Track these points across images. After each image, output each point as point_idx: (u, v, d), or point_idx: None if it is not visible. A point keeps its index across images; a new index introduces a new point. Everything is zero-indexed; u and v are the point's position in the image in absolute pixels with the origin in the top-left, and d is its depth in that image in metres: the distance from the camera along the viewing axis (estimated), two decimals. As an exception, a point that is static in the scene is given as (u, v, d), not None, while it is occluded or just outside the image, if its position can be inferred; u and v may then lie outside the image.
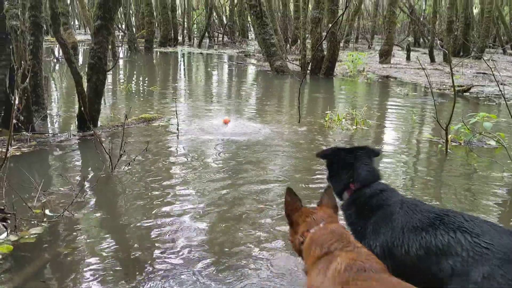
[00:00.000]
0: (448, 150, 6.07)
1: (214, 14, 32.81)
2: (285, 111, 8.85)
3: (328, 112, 7.84)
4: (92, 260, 3.21)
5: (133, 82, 13.15)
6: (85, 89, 6.59)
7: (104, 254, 3.29)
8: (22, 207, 3.81)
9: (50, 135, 6.44)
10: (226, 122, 7.27)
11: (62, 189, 4.48)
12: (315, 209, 2.36)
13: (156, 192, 4.46)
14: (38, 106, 7.04)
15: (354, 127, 7.32)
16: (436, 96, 10.57)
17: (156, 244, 3.44)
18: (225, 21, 33.84)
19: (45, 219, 3.70)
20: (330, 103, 9.88)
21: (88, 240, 3.49)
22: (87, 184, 4.63)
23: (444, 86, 12.57)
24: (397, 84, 13.40)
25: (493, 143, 6.36)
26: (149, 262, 3.20)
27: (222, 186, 4.67)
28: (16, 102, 5.31)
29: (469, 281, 1.90)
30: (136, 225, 3.74)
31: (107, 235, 3.58)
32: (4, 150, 3.80)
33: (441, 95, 11.14)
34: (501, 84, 9.51)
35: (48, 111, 7.50)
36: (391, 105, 10.07)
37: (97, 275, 3.03)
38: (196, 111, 8.63)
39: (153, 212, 4.00)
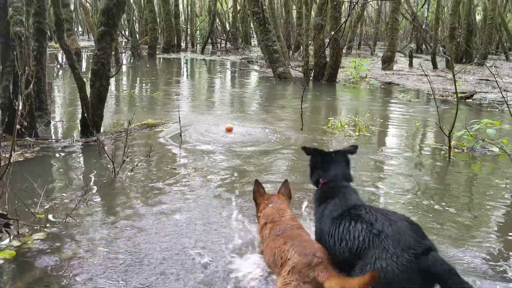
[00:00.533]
0: (451, 156, 6.06)
1: (217, 20, 32.97)
2: (288, 117, 8.85)
3: (330, 118, 7.84)
4: (95, 265, 3.21)
5: (136, 88, 13.19)
6: (88, 95, 6.61)
7: (107, 259, 3.29)
8: (25, 213, 3.82)
9: (53, 140, 6.46)
10: (229, 130, 7.28)
11: (64, 194, 4.49)
12: (273, 195, 3.50)
13: (159, 198, 4.46)
14: (42, 112, 7.06)
15: (357, 133, 7.32)
16: (439, 103, 10.56)
17: (160, 251, 3.43)
18: (228, 28, 33.95)
19: (48, 225, 3.71)
20: (333, 109, 9.89)
21: (91, 246, 3.48)
22: (90, 190, 4.63)
23: (446, 92, 12.57)
24: (399, 90, 13.41)
25: (496, 149, 6.35)
26: (152, 269, 3.19)
27: (225, 191, 4.67)
28: (20, 107, 5.33)
29: (365, 261, 2.33)
30: (139, 231, 3.74)
31: (110, 241, 3.57)
32: (7, 155, 3.80)
33: (444, 102, 11.14)
34: (504, 90, 9.50)
35: (51, 117, 7.52)
36: (394, 111, 10.06)
37: (100, 281, 3.03)
38: (199, 117, 8.64)
39: (156, 218, 4.00)
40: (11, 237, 3.45)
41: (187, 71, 19.54)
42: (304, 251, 2.62)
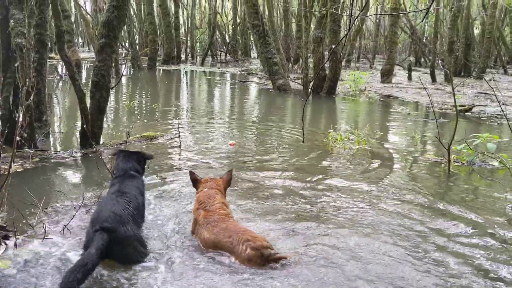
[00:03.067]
0: (451, 170, 6.05)
1: (217, 33, 33.14)
2: (288, 129, 8.86)
3: (330, 131, 7.85)
4: (95, 277, 3.18)
5: (135, 99, 13.21)
6: (88, 106, 6.62)
7: (106, 270, 3.26)
8: (23, 224, 3.79)
9: (53, 152, 6.45)
10: (232, 145, 7.26)
11: (63, 206, 4.47)
12: (211, 180, 4.09)
13: (158, 210, 4.44)
14: (41, 123, 7.06)
15: (357, 146, 7.32)
16: (438, 116, 10.59)
17: (159, 262, 3.41)
18: (228, 40, 34.14)
19: (45, 236, 3.68)
20: (333, 122, 9.90)
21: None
22: (88, 201, 4.60)
23: (445, 105, 12.60)
24: (398, 103, 13.44)
25: (496, 163, 6.34)
26: (152, 280, 3.16)
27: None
28: (20, 119, 5.33)
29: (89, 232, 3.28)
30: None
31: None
32: (6, 166, 3.79)
33: (443, 115, 11.16)
34: (503, 104, 9.53)
35: (50, 128, 7.52)
36: (393, 124, 10.08)
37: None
38: (199, 129, 8.65)
39: (155, 230, 3.97)
40: (8, 247, 3.42)
41: (187, 82, 19.60)
42: (254, 245, 3.29)
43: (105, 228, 3.16)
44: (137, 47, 26.32)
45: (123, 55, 27.69)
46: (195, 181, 4.14)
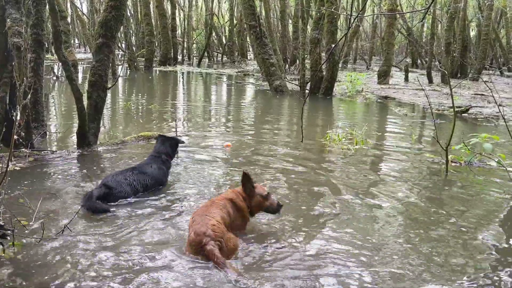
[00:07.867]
0: (449, 170, 6.05)
1: (214, 34, 33.17)
2: (286, 130, 8.85)
3: (328, 131, 7.84)
4: (92, 278, 3.16)
5: (132, 100, 13.18)
6: (85, 106, 6.59)
7: (102, 271, 3.24)
8: (21, 223, 3.76)
9: (49, 152, 6.41)
10: (228, 147, 7.21)
11: (59, 205, 4.44)
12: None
13: (154, 211, 4.42)
14: (38, 123, 7.03)
15: (355, 146, 7.31)
16: (435, 117, 10.60)
17: (154, 266, 3.39)
18: (224, 41, 34.17)
19: (42, 236, 3.65)
20: (330, 123, 9.90)
21: (87, 258, 3.43)
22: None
23: (442, 106, 12.63)
24: (395, 104, 13.46)
25: (493, 164, 6.35)
26: (149, 283, 3.15)
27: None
28: (18, 118, 5.30)
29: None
30: (135, 243, 3.69)
31: (106, 252, 3.52)
32: (3, 165, 3.76)
33: (440, 116, 11.18)
34: (499, 105, 9.55)
35: (47, 128, 7.48)
36: (390, 125, 10.09)
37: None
38: (195, 129, 8.62)
39: (150, 231, 3.95)
40: (6, 247, 3.39)
41: (183, 83, 19.57)
42: (198, 230, 3.33)
43: (105, 185, 4.59)
44: (134, 48, 26.31)
45: (120, 56, 27.64)
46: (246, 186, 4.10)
